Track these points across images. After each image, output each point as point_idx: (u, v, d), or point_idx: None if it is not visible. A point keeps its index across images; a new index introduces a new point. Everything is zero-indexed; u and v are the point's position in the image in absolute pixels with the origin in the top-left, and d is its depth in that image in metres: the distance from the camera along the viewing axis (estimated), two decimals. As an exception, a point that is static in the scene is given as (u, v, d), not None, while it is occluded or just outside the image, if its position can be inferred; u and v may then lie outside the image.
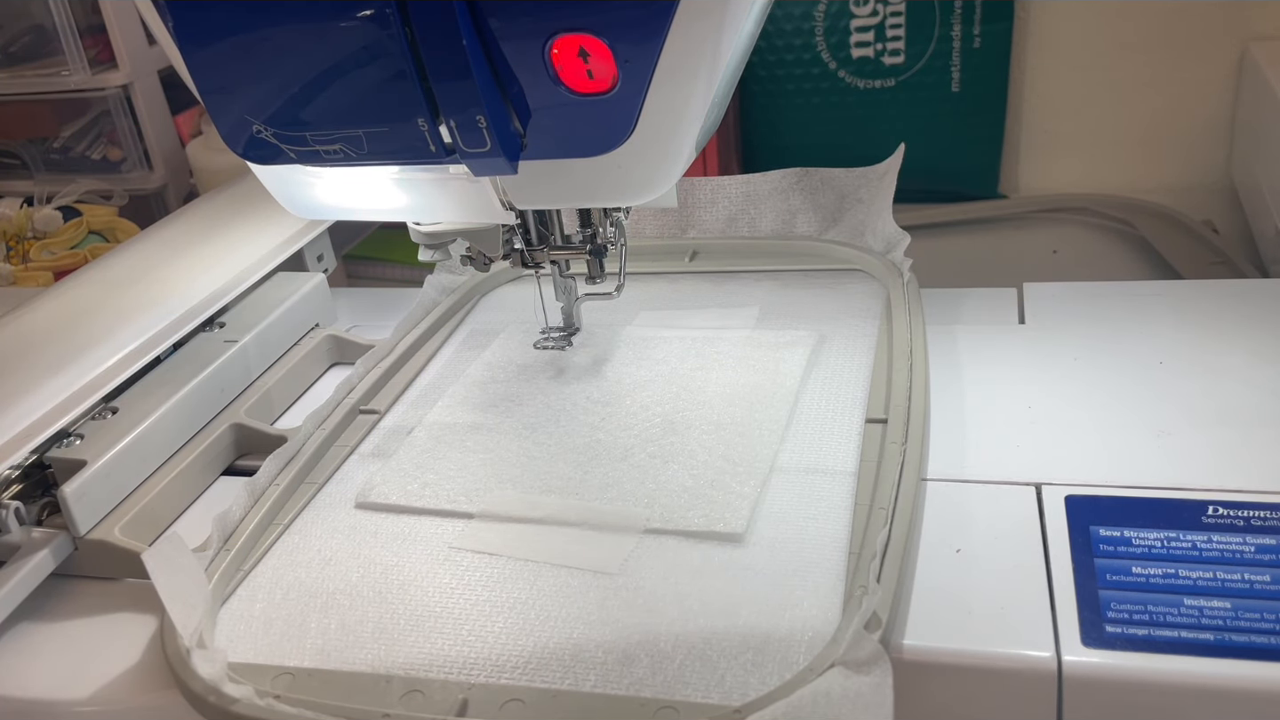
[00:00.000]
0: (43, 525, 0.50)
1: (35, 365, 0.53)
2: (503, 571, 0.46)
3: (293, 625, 0.44)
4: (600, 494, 0.49)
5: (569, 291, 0.60)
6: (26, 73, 0.90)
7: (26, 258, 0.87)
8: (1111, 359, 0.55)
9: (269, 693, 0.41)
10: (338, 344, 0.67)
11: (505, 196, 0.46)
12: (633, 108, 0.38)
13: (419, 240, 0.54)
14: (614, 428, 0.54)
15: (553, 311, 0.62)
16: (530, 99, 0.38)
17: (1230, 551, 0.41)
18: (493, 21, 0.36)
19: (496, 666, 0.41)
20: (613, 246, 0.54)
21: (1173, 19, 0.81)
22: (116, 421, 0.53)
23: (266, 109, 0.39)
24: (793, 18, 0.82)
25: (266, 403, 0.60)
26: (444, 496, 0.51)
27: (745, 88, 0.85)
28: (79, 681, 0.44)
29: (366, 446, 0.57)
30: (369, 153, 0.39)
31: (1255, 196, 0.77)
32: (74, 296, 0.61)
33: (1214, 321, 0.57)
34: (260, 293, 0.66)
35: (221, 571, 0.47)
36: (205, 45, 0.38)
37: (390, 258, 0.86)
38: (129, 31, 0.87)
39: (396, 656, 0.42)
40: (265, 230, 0.67)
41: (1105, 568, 0.41)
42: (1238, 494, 0.44)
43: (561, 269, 0.57)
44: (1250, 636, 0.37)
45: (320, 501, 0.52)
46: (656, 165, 0.41)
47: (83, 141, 0.94)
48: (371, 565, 0.47)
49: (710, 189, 0.70)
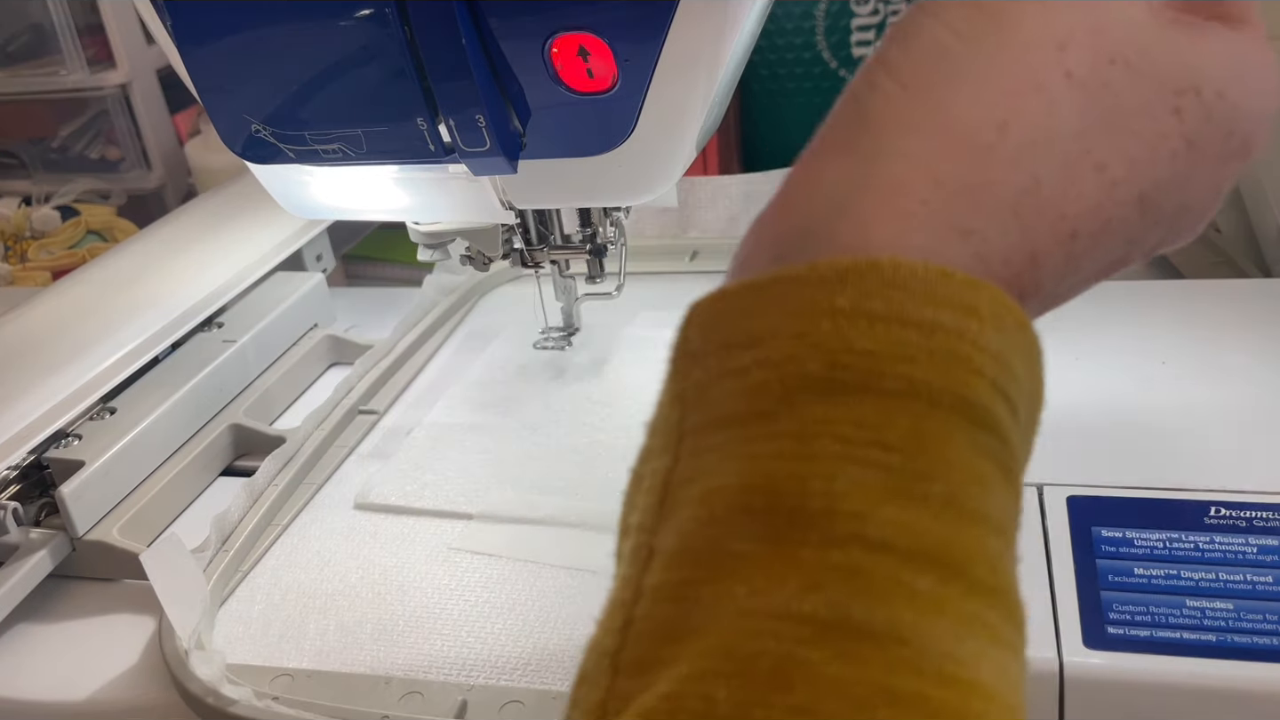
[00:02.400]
0: (41, 526, 0.50)
1: (33, 365, 0.53)
2: (502, 572, 0.46)
3: (291, 626, 0.44)
4: (600, 494, 0.49)
5: (569, 291, 0.60)
6: (24, 72, 0.90)
7: (24, 257, 0.87)
8: (1113, 359, 0.55)
9: (267, 694, 0.40)
10: (336, 344, 0.66)
11: (505, 196, 0.46)
12: (633, 107, 0.38)
13: (418, 240, 0.54)
14: (614, 428, 0.54)
15: (552, 311, 0.61)
16: (530, 98, 0.38)
17: (1232, 552, 0.41)
18: (492, 21, 0.36)
19: (496, 668, 0.41)
20: (613, 246, 0.54)
21: (1173, 18, 0.81)
22: (115, 422, 0.53)
23: (265, 108, 0.39)
24: (793, 17, 0.82)
25: (265, 403, 0.60)
26: (443, 497, 0.51)
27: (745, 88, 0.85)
28: (77, 682, 0.44)
29: (365, 447, 0.57)
30: (368, 152, 0.39)
31: (1258, 196, 0.77)
32: (72, 296, 0.61)
33: (1216, 321, 0.56)
34: (259, 293, 0.66)
35: (220, 572, 0.47)
36: (204, 44, 0.38)
37: (389, 258, 0.86)
38: (127, 31, 0.87)
39: (395, 658, 0.42)
40: (264, 230, 0.67)
41: (1107, 568, 0.41)
42: (1240, 495, 0.44)
43: (561, 269, 0.57)
44: (1252, 638, 0.37)
45: (319, 502, 0.52)
46: (656, 165, 0.40)
47: (81, 141, 0.93)
48: (370, 566, 0.47)
49: (710, 189, 0.70)
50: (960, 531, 0.19)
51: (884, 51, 0.23)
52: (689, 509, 0.20)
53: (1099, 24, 0.22)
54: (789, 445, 0.20)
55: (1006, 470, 0.21)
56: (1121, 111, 0.22)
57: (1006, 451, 0.21)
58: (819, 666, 0.18)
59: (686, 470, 0.21)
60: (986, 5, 0.22)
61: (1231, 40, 0.24)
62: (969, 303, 0.20)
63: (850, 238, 0.21)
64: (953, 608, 0.19)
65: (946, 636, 0.18)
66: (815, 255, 0.21)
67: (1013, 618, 0.20)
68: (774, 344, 0.20)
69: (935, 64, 0.22)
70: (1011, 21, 0.22)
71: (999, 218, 0.22)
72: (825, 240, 0.21)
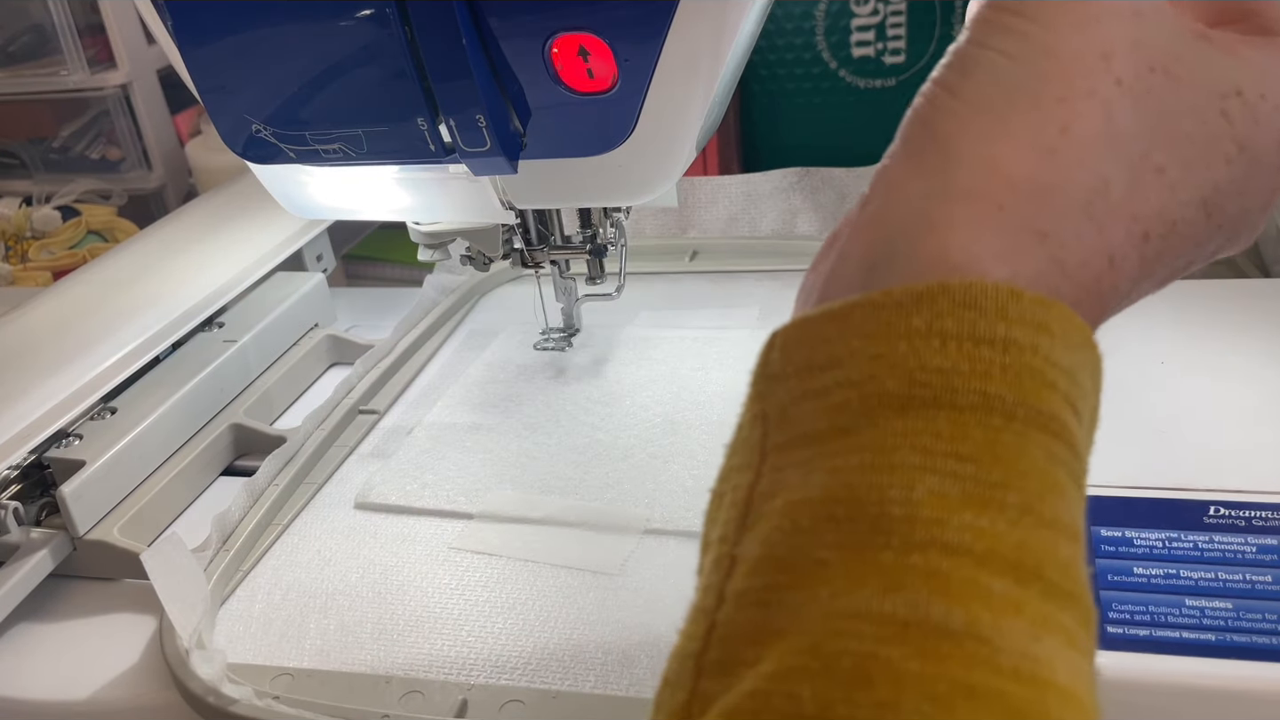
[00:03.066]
0: (41, 525, 0.50)
1: (34, 365, 0.53)
2: (502, 572, 0.46)
3: (292, 626, 0.44)
4: (600, 494, 0.49)
5: (569, 292, 0.60)
6: (25, 72, 0.90)
7: (25, 257, 0.87)
8: (1112, 359, 0.54)
9: (268, 693, 0.41)
10: (337, 344, 0.67)
11: (505, 196, 0.46)
12: (633, 107, 0.38)
13: (419, 240, 0.54)
14: (614, 428, 0.54)
15: (552, 312, 0.61)
16: (530, 98, 0.38)
17: (1232, 552, 0.41)
18: (492, 21, 0.36)
19: (496, 667, 0.41)
20: (613, 247, 0.54)
21: (1173, 18, 0.81)
22: (115, 421, 0.53)
23: (266, 108, 0.39)
24: (793, 17, 0.82)
25: (266, 403, 0.60)
26: (443, 497, 0.51)
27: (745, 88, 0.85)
28: (78, 682, 0.44)
29: (366, 447, 0.57)
30: (368, 152, 0.39)
31: (1256, 196, 0.77)
32: (73, 296, 0.61)
33: (1215, 321, 0.56)
34: (259, 292, 0.66)
35: (220, 572, 0.47)
36: (204, 44, 0.38)
37: (390, 258, 0.86)
38: (128, 31, 0.87)
39: (396, 657, 0.42)
40: (264, 230, 0.67)
41: (1107, 568, 0.41)
42: (1239, 494, 0.44)
43: (561, 269, 0.57)
44: (1252, 637, 0.37)
45: (319, 502, 0.52)
46: (656, 165, 0.41)
47: (82, 141, 0.93)
48: (371, 565, 0.47)
49: (710, 189, 0.70)
50: (1035, 537, 0.20)
51: (941, 78, 0.24)
52: (772, 520, 0.21)
53: (1137, 38, 0.24)
54: (869, 458, 0.20)
55: (1077, 479, 0.22)
56: (1171, 115, 0.24)
57: (1076, 461, 0.22)
58: (899, 663, 0.18)
59: (769, 485, 0.22)
60: (1031, 30, 0.24)
61: (1266, 47, 0.25)
62: (1040, 320, 0.21)
63: (933, 248, 0.22)
64: (1029, 609, 0.19)
65: (1023, 636, 0.19)
66: (902, 268, 0.22)
67: (1086, 622, 0.21)
68: (853, 364, 0.21)
69: (993, 82, 0.23)
70: (1056, 40, 0.23)
71: (1072, 219, 0.23)
72: (908, 253, 0.23)
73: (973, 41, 0.24)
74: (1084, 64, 0.23)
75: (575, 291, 0.60)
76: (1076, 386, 0.22)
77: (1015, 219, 0.22)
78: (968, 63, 0.24)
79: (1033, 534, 0.20)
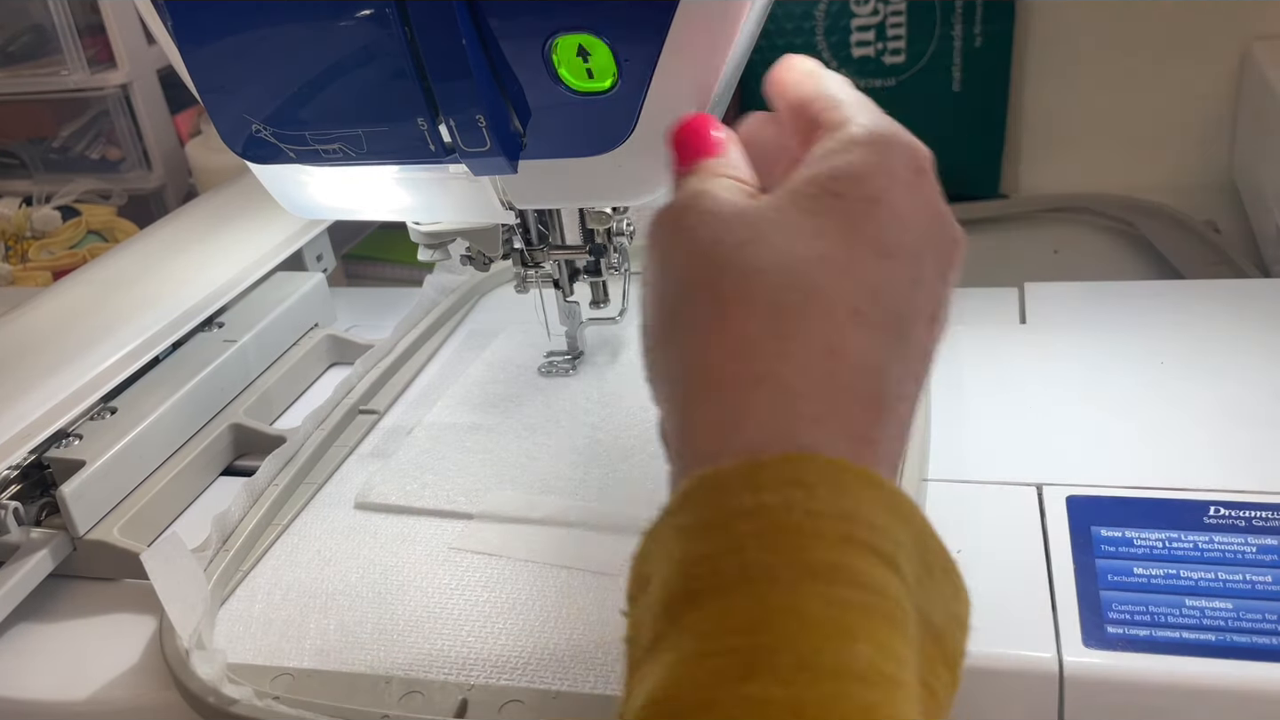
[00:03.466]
0: (41, 525, 0.50)
1: (34, 365, 0.53)
2: (502, 572, 0.46)
3: (292, 626, 0.44)
4: (600, 494, 0.49)
5: (573, 316, 0.60)
6: (25, 72, 0.90)
7: (25, 257, 0.87)
8: (1113, 359, 0.55)
9: (268, 693, 0.41)
10: (337, 344, 0.66)
11: (505, 196, 0.46)
12: (633, 107, 0.38)
13: (419, 240, 0.54)
14: (614, 428, 0.54)
15: (556, 334, 0.61)
16: (530, 98, 0.38)
17: (1232, 552, 0.41)
18: (492, 21, 0.36)
19: (496, 667, 0.41)
20: (616, 272, 0.54)
21: (1174, 19, 0.81)
22: (115, 421, 0.53)
23: (266, 108, 0.39)
24: (793, 17, 0.82)
25: (265, 403, 0.60)
26: (443, 497, 0.51)
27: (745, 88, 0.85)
28: (78, 682, 0.44)
29: (366, 446, 0.57)
30: (368, 152, 0.39)
31: (1257, 196, 0.77)
32: (73, 296, 0.61)
33: (1215, 321, 0.56)
34: (259, 292, 0.66)
35: (220, 572, 0.47)
36: (204, 44, 0.38)
37: (390, 257, 0.86)
38: (128, 31, 0.87)
39: (396, 657, 0.42)
40: (264, 230, 0.67)
41: (1106, 568, 0.41)
42: (1239, 494, 0.44)
43: (565, 293, 0.56)
44: (1252, 637, 0.37)
45: (319, 502, 0.52)
46: (657, 165, 0.40)
47: (81, 141, 0.93)
48: (371, 566, 0.47)
49: (710, 189, 0.70)
50: (812, 693, 0.21)
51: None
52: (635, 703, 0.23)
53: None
54: (673, 657, 0.22)
55: (887, 614, 0.22)
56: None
57: (878, 596, 0.22)
58: None
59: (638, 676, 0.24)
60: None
61: (827, 140, 0.29)
62: (792, 477, 0.23)
63: (685, 450, 0.26)
64: None
65: None
66: (676, 473, 0.27)
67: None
68: (660, 568, 0.24)
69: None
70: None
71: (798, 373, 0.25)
72: (677, 463, 0.27)
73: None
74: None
75: (579, 315, 0.60)
76: (863, 525, 0.23)
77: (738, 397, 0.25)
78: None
79: (809, 690, 0.21)
